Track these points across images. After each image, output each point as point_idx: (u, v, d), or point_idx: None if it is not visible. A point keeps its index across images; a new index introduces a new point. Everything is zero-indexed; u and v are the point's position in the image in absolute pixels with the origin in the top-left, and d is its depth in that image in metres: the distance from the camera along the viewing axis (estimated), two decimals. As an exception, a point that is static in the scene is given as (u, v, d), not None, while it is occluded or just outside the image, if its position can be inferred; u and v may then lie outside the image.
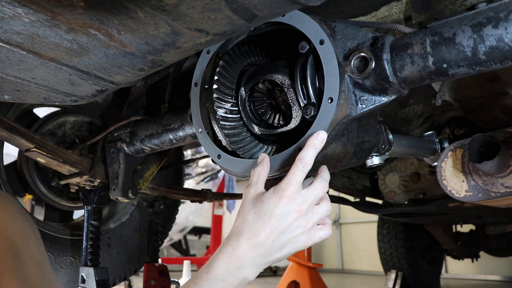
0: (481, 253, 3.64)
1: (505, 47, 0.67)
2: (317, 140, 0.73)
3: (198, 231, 7.44)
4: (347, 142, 0.84)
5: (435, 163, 1.65)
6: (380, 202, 2.49)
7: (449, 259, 5.01)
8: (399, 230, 3.44)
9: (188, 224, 6.50)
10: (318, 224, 0.77)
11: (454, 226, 3.42)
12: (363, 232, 6.89)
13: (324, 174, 0.77)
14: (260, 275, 6.43)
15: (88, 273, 1.77)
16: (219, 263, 0.69)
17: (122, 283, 3.51)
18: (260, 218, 0.69)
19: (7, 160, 2.08)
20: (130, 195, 1.63)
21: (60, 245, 2.03)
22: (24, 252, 0.50)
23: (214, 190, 5.73)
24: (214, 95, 0.96)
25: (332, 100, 0.75)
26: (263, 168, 0.76)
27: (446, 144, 1.65)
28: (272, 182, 0.80)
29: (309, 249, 2.69)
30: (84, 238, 1.85)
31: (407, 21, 1.09)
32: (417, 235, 3.48)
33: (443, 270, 4.69)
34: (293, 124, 0.90)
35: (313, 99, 0.83)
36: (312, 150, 0.72)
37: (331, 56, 0.77)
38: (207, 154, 1.15)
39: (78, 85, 1.03)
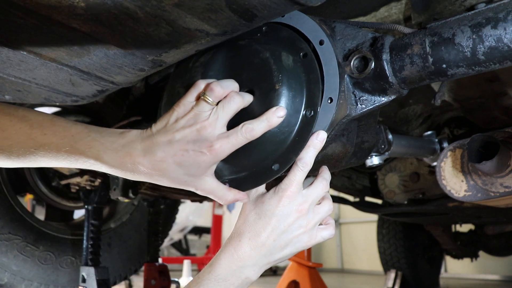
0: (481, 253, 3.64)
1: (504, 48, 0.67)
2: (317, 140, 0.73)
3: (198, 230, 7.44)
4: (347, 142, 0.84)
5: (435, 163, 1.66)
6: (379, 202, 2.49)
7: (448, 258, 5.01)
8: (398, 230, 3.44)
9: (188, 223, 6.50)
10: (321, 224, 0.77)
11: (453, 226, 3.43)
12: (363, 232, 6.90)
13: (325, 174, 0.78)
14: (260, 275, 6.41)
15: (88, 272, 1.77)
16: (221, 263, 0.70)
17: (123, 282, 3.51)
18: (261, 218, 0.70)
19: None
20: (131, 195, 1.63)
21: (61, 244, 2.04)
22: None
23: (214, 190, 5.71)
24: (215, 95, 0.96)
25: (332, 101, 0.76)
26: None
27: (445, 144, 1.65)
28: (272, 182, 0.80)
29: (309, 249, 2.69)
30: (84, 238, 1.85)
31: (407, 22, 1.09)
32: (417, 235, 3.48)
33: (442, 270, 4.70)
34: (293, 124, 0.90)
35: (313, 99, 0.84)
36: (312, 150, 0.73)
37: (331, 57, 0.77)
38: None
39: (79, 85, 1.03)
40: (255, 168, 0.74)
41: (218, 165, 0.73)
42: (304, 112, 0.73)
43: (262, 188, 0.76)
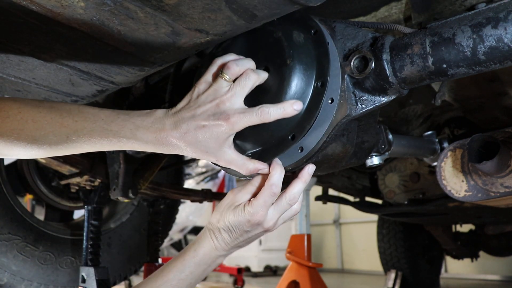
0: (481, 253, 3.64)
1: (505, 48, 0.67)
2: (274, 187, 0.77)
3: (198, 231, 7.44)
4: (347, 142, 0.84)
5: (435, 163, 1.66)
6: (380, 202, 2.49)
7: (448, 258, 5.01)
8: (398, 230, 3.44)
9: (188, 224, 6.50)
10: None
11: (453, 226, 3.43)
12: (363, 232, 6.90)
13: (295, 189, 0.80)
14: (260, 275, 6.43)
15: (88, 272, 1.77)
16: (204, 251, 0.84)
17: (123, 282, 3.51)
18: (233, 230, 0.81)
19: (8, 160, 2.08)
20: (131, 195, 1.63)
21: (60, 244, 2.04)
22: None
23: (214, 190, 5.73)
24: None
25: (332, 101, 0.76)
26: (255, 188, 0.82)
27: (445, 144, 1.65)
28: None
29: (309, 249, 2.70)
30: (84, 238, 1.85)
31: (407, 22, 1.09)
32: (417, 235, 3.48)
33: (442, 270, 4.70)
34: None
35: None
36: (266, 203, 0.77)
37: (333, 58, 0.78)
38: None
39: (79, 85, 1.03)
40: (274, 140, 0.80)
41: (240, 140, 0.80)
42: (315, 83, 0.77)
43: (245, 195, 0.80)
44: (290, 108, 0.74)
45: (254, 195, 0.80)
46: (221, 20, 0.75)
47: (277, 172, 0.77)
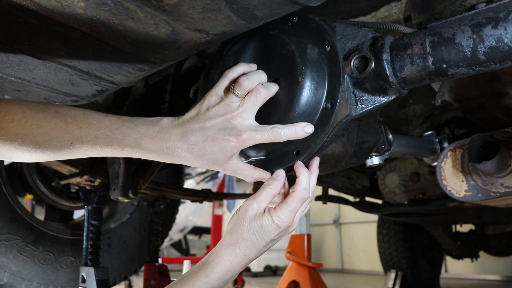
0: (481, 253, 3.64)
1: (505, 48, 0.67)
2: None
3: (198, 231, 7.45)
4: (347, 142, 0.84)
5: (435, 163, 1.66)
6: (380, 202, 2.49)
7: (448, 258, 5.01)
8: (398, 230, 3.44)
9: (188, 224, 6.50)
10: None
11: (453, 226, 3.43)
12: (363, 232, 6.90)
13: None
14: (260, 275, 6.43)
15: (88, 272, 1.77)
16: (218, 276, 0.77)
17: (123, 282, 3.51)
18: (258, 240, 0.77)
19: (8, 161, 2.08)
20: (130, 195, 1.63)
21: (60, 244, 2.04)
22: None
23: (214, 190, 5.73)
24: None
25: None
26: (274, 189, 0.78)
27: (445, 144, 1.65)
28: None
29: (309, 249, 2.70)
30: (84, 238, 1.85)
31: (407, 22, 1.09)
32: (417, 235, 3.48)
33: (442, 270, 4.70)
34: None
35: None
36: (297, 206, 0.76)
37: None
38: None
39: (79, 85, 1.03)
40: (279, 151, 0.80)
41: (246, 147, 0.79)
42: (324, 104, 0.77)
43: (263, 206, 0.77)
44: (302, 131, 0.75)
45: (272, 197, 0.78)
46: (221, 20, 0.75)
47: (306, 176, 0.76)
